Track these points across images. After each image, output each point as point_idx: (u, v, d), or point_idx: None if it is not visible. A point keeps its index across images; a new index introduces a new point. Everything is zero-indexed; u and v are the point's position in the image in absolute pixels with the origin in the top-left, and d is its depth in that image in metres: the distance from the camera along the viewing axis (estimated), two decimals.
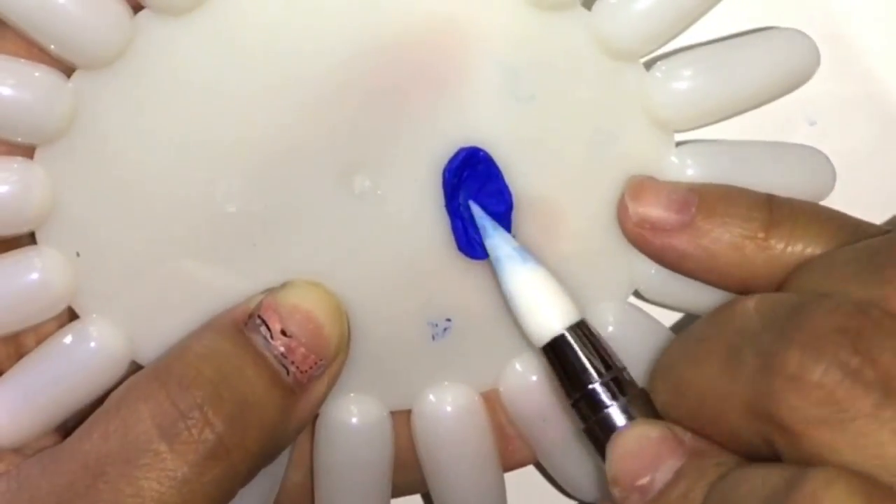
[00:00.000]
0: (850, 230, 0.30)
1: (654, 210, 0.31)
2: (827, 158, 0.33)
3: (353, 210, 0.32)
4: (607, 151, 0.32)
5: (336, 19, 0.30)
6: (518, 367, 0.34)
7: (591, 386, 0.30)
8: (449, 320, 0.33)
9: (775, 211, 0.30)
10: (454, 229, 0.32)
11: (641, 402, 0.30)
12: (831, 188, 0.33)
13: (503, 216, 0.32)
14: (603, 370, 0.30)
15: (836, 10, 0.33)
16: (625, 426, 0.29)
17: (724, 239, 0.30)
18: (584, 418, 0.30)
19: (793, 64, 0.32)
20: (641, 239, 0.31)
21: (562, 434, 0.34)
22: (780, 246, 0.30)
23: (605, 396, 0.29)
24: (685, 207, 0.31)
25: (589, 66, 0.32)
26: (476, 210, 0.31)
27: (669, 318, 0.35)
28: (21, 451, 0.31)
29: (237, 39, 0.30)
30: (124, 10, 0.30)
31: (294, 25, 0.30)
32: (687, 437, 0.28)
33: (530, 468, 0.36)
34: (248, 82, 0.30)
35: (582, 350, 0.30)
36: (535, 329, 0.30)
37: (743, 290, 0.30)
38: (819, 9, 0.33)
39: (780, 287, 0.29)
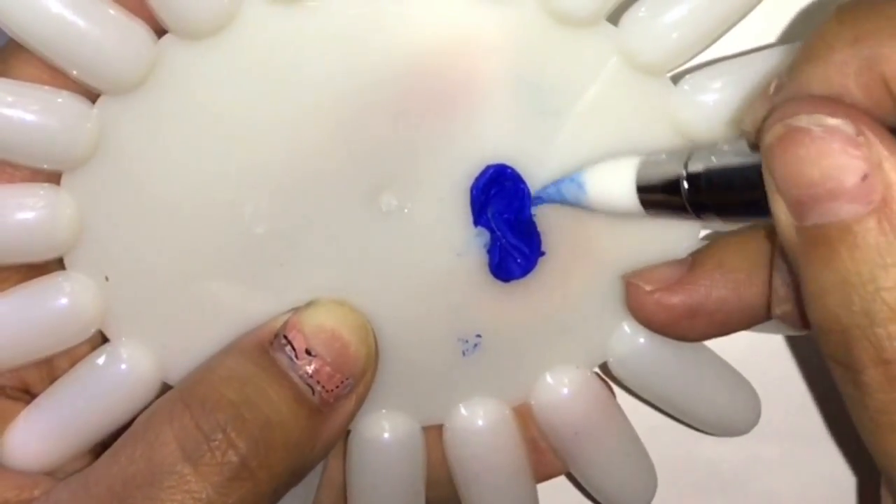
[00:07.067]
0: None
1: None
2: None
3: (380, 228, 0.32)
4: None
5: (359, 41, 0.30)
6: (549, 380, 0.34)
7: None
8: (479, 336, 0.33)
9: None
10: (490, 251, 0.32)
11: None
12: None
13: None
14: None
15: None
16: None
17: None
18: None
19: None
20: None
21: (594, 446, 0.34)
22: None
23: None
24: None
25: (615, 80, 0.31)
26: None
27: None
28: (54, 474, 0.31)
29: (261, 62, 0.30)
30: (147, 35, 0.30)
31: (317, 48, 0.30)
32: None
33: (561, 478, 0.36)
34: (272, 104, 0.31)
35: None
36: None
37: None
38: None
39: None
